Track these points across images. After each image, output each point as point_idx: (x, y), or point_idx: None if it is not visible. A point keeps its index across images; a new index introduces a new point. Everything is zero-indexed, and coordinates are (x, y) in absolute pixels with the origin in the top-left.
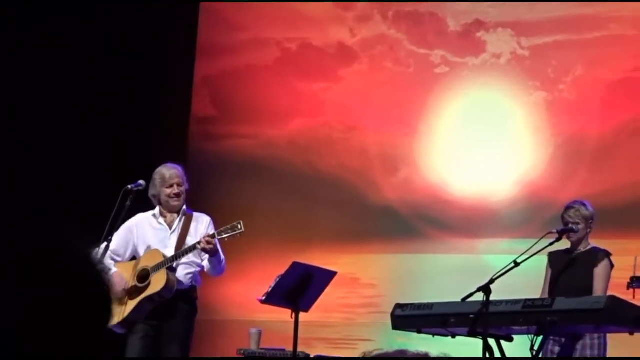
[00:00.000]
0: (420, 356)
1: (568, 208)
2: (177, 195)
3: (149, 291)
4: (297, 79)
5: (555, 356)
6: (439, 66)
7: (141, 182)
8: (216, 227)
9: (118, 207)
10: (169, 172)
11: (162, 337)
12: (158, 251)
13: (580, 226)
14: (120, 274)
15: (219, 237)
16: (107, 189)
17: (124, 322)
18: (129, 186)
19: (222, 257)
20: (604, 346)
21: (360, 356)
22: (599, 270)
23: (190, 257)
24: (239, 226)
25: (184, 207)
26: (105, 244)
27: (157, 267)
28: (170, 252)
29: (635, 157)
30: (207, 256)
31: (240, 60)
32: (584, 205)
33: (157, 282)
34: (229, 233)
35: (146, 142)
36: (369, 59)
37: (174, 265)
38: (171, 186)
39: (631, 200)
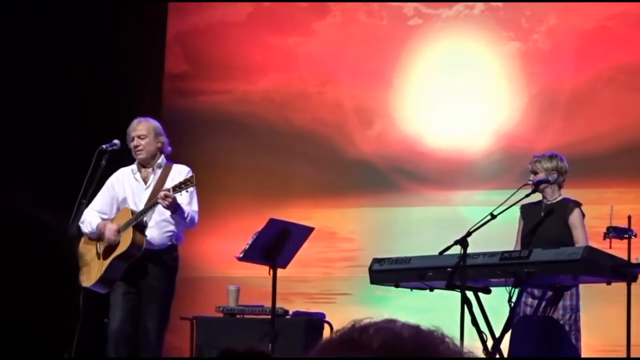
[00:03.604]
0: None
1: (533, 157)
2: (136, 147)
3: (118, 250)
4: (270, 34)
5: (529, 307)
6: (412, 18)
7: (116, 141)
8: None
9: (93, 167)
10: (131, 125)
11: (142, 296)
12: (127, 209)
13: (539, 175)
14: (106, 223)
15: (174, 192)
16: (82, 149)
17: (101, 282)
18: (104, 146)
19: (187, 211)
20: (576, 296)
21: (350, 324)
22: (574, 220)
23: (165, 214)
24: (192, 179)
25: (161, 159)
26: (84, 203)
27: (125, 226)
28: (142, 208)
29: (610, 106)
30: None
31: (213, 16)
32: (551, 156)
33: (125, 241)
34: (182, 188)
35: (120, 100)
36: (342, 12)
37: (145, 222)
38: (132, 139)
39: (606, 149)
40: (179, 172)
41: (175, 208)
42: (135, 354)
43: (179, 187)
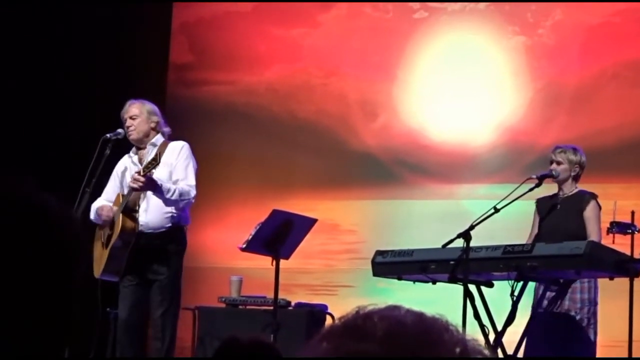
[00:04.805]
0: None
1: (556, 148)
2: (128, 128)
3: (113, 238)
4: (275, 25)
5: (546, 300)
6: (418, 11)
7: (120, 130)
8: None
9: (97, 156)
10: (124, 108)
11: (149, 284)
12: (119, 194)
13: (562, 166)
14: (104, 205)
15: (144, 173)
16: (86, 138)
17: (107, 271)
18: (108, 135)
19: (174, 187)
20: (594, 289)
21: (354, 311)
22: (589, 213)
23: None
24: (157, 157)
25: (155, 138)
26: (87, 192)
27: (118, 212)
28: None
29: (614, 102)
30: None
31: (218, 7)
32: (574, 149)
33: (116, 229)
34: (149, 168)
35: (124, 90)
36: (348, 4)
37: (136, 206)
38: (125, 121)
39: (611, 144)
40: (173, 149)
41: (153, 188)
42: (144, 344)
43: (147, 168)
